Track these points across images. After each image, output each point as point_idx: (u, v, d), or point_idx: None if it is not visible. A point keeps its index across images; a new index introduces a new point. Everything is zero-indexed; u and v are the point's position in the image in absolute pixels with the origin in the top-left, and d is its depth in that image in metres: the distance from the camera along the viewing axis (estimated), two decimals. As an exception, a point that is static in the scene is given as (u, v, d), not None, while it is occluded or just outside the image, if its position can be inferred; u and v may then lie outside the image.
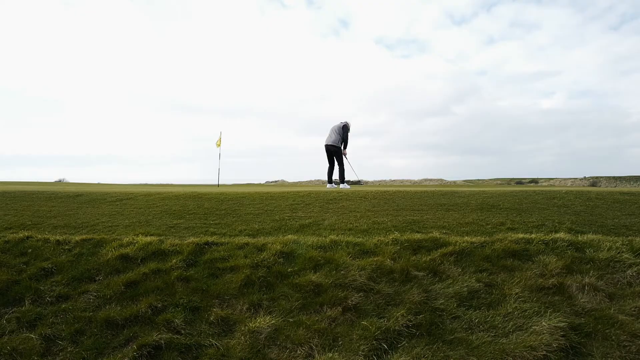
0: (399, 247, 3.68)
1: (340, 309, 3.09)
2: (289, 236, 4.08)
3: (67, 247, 4.21)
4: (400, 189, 6.90)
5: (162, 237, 4.25)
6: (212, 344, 2.85)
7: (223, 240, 4.13)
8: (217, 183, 15.26)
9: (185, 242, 4.12)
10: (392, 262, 3.42)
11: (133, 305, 3.32)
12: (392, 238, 3.86)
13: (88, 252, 4.11)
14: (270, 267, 3.57)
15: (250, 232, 4.41)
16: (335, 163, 9.93)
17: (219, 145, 14.34)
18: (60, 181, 34.67)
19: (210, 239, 4.13)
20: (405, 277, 3.29)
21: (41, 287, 3.58)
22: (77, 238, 4.35)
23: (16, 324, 3.24)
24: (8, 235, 4.45)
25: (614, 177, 39.72)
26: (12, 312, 3.39)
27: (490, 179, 48.12)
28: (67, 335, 3.08)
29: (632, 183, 36.35)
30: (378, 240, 3.84)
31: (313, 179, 46.57)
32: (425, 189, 6.80)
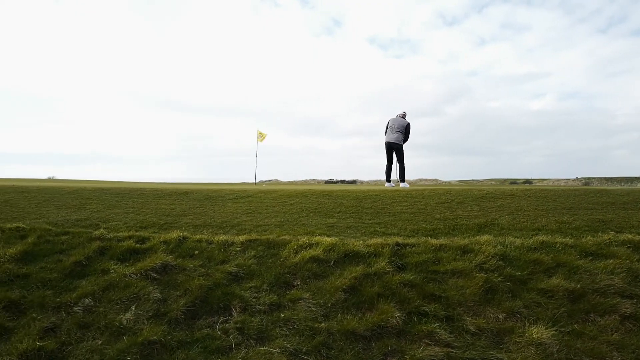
0: (629, 249, 3.39)
1: (616, 317, 2.78)
2: (485, 237, 3.75)
3: (236, 248, 3.80)
4: (501, 187, 6.64)
5: (339, 238, 3.86)
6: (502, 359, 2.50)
7: (411, 241, 3.77)
8: (253, 181, 14.76)
9: (370, 242, 3.75)
10: (642, 265, 3.13)
11: (367, 314, 2.95)
12: (608, 238, 3.57)
13: (266, 254, 3.70)
14: (499, 271, 3.22)
15: (426, 232, 4.07)
16: (395, 161, 9.61)
17: (262, 140, 13.82)
18: (49, 179, 33.31)
19: (397, 240, 3.76)
20: (666, 282, 3.00)
21: (244, 294, 3.16)
22: (240, 239, 3.93)
23: (240, 336, 2.84)
24: (162, 236, 3.99)
25: (605, 178, 40.48)
26: (224, 322, 2.98)
27: (484, 179, 48.44)
28: (310, 349, 2.71)
29: (622, 184, 37.15)
30: (593, 241, 3.54)
31: (308, 179, 46.13)
32: (553, 187, 6.53)
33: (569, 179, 40.19)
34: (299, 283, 3.38)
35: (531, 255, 3.40)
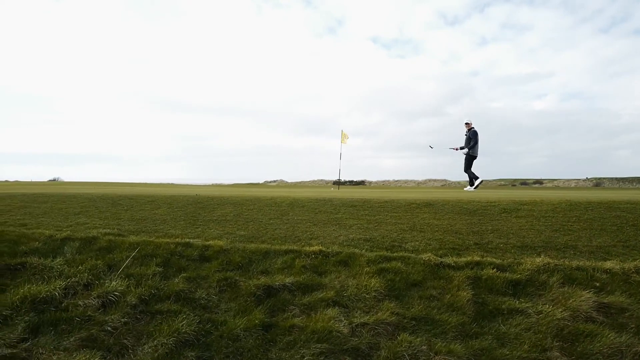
0: None
1: None
2: None
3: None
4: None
5: None
6: None
7: None
8: (337, 184, 13.93)
9: None
10: None
11: None
12: None
13: None
14: None
15: None
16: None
17: (345, 142, 13.06)
18: (54, 180, 32.00)
19: None
20: None
21: None
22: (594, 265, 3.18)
23: None
24: (526, 261, 3.23)
25: (616, 179, 40.08)
26: None
27: (493, 180, 47.95)
28: None
29: (634, 184, 36.89)
30: None
31: (316, 179, 45.35)
32: None
33: (579, 179, 39.85)
34: None
35: None
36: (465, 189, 10.65)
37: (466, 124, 9.99)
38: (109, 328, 2.67)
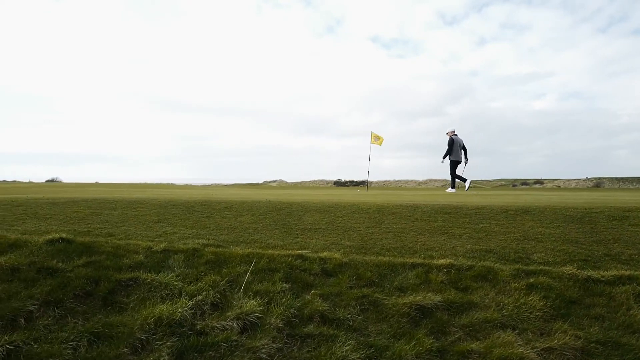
0: None
1: None
2: None
3: None
4: None
5: None
6: None
7: None
8: (365, 186, 13.67)
9: None
10: None
11: None
12: None
13: None
14: None
15: None
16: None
17: (380, 143, 12.78)
18: (53, 180, 31.30)
19: None
20: None
21: None
22: None
23: None
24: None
25: (616, 178, 40.06)
26: None
27: (494, 180, 47.92)
28: None
29: (634, 184, 36.92)
30: None
31: (317, 179, 45.02)
32: None
33: (579, 179, 39.82)
34: None
35: None
36: (446, 190, 11.52)
37: (446, 133, 10.91)
38: (263, 355, 2.38)
